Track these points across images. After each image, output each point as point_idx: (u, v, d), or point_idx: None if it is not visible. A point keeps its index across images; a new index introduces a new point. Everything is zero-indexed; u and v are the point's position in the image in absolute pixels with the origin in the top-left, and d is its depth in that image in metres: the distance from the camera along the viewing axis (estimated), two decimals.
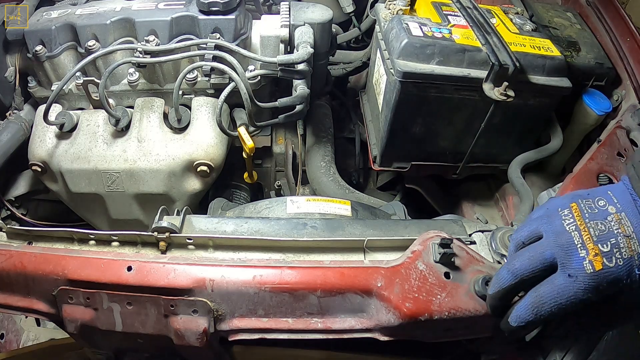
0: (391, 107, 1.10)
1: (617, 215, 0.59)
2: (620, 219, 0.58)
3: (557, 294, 0.59)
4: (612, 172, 0.85)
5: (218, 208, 1.12)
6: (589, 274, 0.57)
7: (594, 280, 0.57)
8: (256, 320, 0.76)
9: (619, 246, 0.57)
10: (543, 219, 0.63)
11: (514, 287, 0.64)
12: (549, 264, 0.60)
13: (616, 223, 0.58)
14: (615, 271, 0.57)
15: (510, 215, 1.21)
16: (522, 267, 0.62)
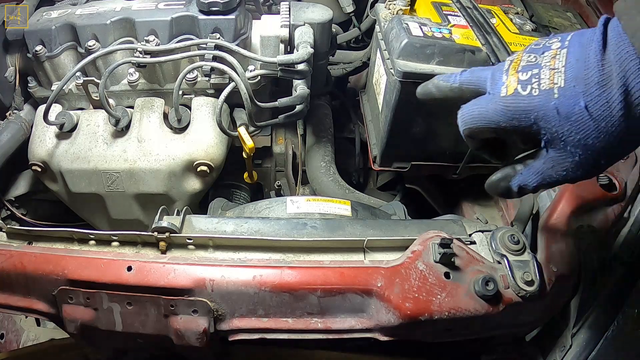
0: (391, 107, 1.10)
1: (556, 51, 0.56)
2: (557, 55, 0.56)
3: (475, 108, 0.61)
4: (612, 172, 0.85)
5: (218, 208, 1.12)
6: (501, 96, 0.58)
7: (502, 104, 0.57)
8: (256, 320, 0.76)
9: (539, 76, 0.55)
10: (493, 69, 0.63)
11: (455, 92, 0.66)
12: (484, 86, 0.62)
13: (549, 57, 0.56)
14: (524, 99, 0.56)
15: (510, 215, 1.20)
16: (464, 77, 0.65)
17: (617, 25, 0.52)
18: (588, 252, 0.81)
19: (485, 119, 0.59)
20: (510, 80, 0.58)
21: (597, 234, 0.82)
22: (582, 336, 0.80)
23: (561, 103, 0.53)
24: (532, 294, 0.74)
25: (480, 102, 0.61)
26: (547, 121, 0.55)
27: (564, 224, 0.81)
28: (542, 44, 0.59)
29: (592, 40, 0.53)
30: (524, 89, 0.56)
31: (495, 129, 0.59)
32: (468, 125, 0.62)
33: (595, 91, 0.51)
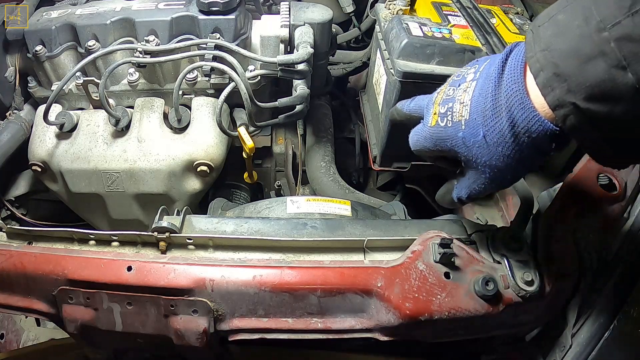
0: (391, 107, 1.10)
1: (468, 84, 0.64)
2: (468, 87, 0.63)
3: (414, 134, 0.73)
4: (612, 172, 0.85)
5: (218, 208, 1.12)
6: (428, 126, 0.69)
7: (429, 132, 0.68)
8: (256, 320, 0.76)
9: (452, 110, 0.64)
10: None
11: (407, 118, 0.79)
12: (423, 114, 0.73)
13: (462, 91, 0.64)
14: (442, 130, 0.65)
15: (510, 215, 1.20)
16: (411, 106, 0.78)
17: (518, 55, 0.59)
18: (588, 252, 0.81)
19: (419, 143, 0.72)
20: (435, 112, 0.67)
21: (597, 234, 0.82)
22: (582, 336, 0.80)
23: (466, 134, 0.62)
24: (532, 294, 0.74)
25: (417, 129, 0.73)
26: (459, 148, 0.64)
27: (564, 224, 0.81)
28: (462, 75, 0.67)
29: (492, 74, 0.60)
30: (442, 120, 0.66)
31: (428, 150, 0.71)
32: (413, 147, 0.75)
33: (490, 122, 0.59)
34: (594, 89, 0.50)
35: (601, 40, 0.48)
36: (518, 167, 0.60)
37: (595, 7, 0.49)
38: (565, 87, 0.51)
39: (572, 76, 0.51)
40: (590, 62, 0.49)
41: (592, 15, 0.49)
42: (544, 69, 0.53)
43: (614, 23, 0.48)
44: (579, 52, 0.50)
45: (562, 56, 0.52)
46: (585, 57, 0.50)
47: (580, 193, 0.83)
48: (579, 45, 0.50)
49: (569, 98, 0.51)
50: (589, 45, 0.49)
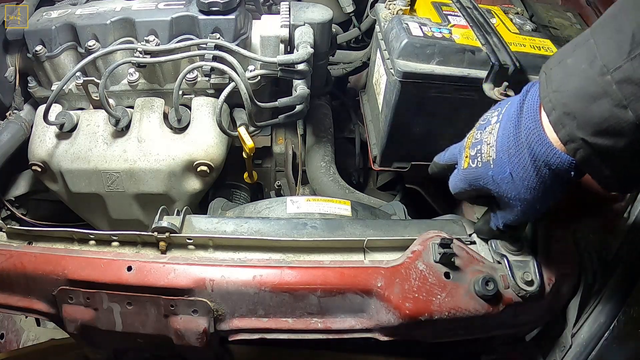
0: (391, 107, 1.10)
1: (492, 126, 0.69)
2: (493, 130, 0.69)
3: (452, 179, 0.79)
4: None
5: (218, 208, 1.12)
6: (461, 169, 0.75)
7: (463, 174, 0.74)
8: (256, 320, 0.76)
9: (481, 152, 0.70)
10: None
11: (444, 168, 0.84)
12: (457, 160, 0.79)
13: (488, 133, 0.70)
14: (474, 170, 0.71)
15: None
16: (446, 157, 0.83)
17: (533, 95, 0.64)
18: (588, 252, 0.81)
19: (457, 186, 0.78)
20: (466, 155, 0.74)
21: (597, 234, 0.82)
22: (582, 336, 0.80)
23: (495, 172, 0.67)
24: (532, 294, 0.74)
25: (454, 174, 0.79)
26: (490, 185, 0.69)
27: (564, 224, 0.81)
28: (487, 119, 0.73)
29: (512, 115, 0.65)
30: (473, 162, 0.72)
31: (465, 191, 0.76)
32: (453, 192, 0.80)
33: (514, 159, 0.64)
34: (599, 125, 0.55)
35: (604, 83, 0.54)
36: (544, 197, 0.65)
37: (599, 52, 0.55)
38: (574, 124, 0.57)
39: (580, 114, 0.56)
40: (596, 102, 0.55)
41: (596, 60, 0.55)
42: (556, 108, 0.59)
43: (615, 67, 0.53)
44: (586, 93, 0.56)
45: (571, 97, 0.57)
46: (591, 98, 0.55)
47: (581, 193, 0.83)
48: (585, 86, 0.56)
49: (579, 134, 0.57)
50: (594, 87, 0.55)
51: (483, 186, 0.71)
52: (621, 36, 0.53)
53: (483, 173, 0.70)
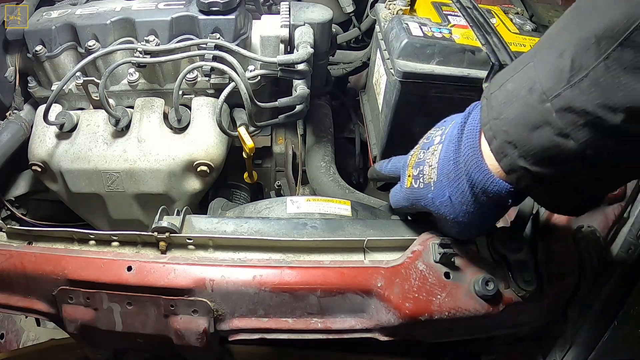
0: (391, 107, 1.10)
1: (435, 147, 0.70)
2: (435, 151, 0.69)
3: (393, 194, 0.82)
4: None
5: (218, 208, 1.12)
6: (404, 187, 0.76)
7: (405, 193, 0.76)
8: (256, 320, 0.76)
9: (423, 173, 0.71)
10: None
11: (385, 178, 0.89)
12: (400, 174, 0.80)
13: (430, 154, 0.70)
14: (416, 191, 0.72)
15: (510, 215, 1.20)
16: (388, 168, 0.87)
17: (474, 120, 0.63)
18: (588, 252, 0.81)
19: (399, 203, 0.80)
20: (409, 174, 0.74)
21: (597, 234, 0.82)
22: (582, 336, 0.80)
23: (435, 194, 0.68)
24: (532, 294, 0.74)
25: (396, 189, 0.81)
26: (430, 207, 0.70)
27: (564, 224, 0.81)
28: (430, 137, 0.73)
29: (454, 138, 0.65)
30: (415, 182, 0.73)
31: (407, 209, 0.79)
32: (393, 206, 0.83)
33: (453, 184, 0.64)
34: (541, 154, 0.54)
35: (544, 111, 0.52)
36: (481, 222, 0.67)
37: (538, 79, 0.53)
38: (516, 153, 0.56)
39: (521, 144, 0.55)
40: (536, 131, 0.53)
41: (536, 87, 0.53)
42: (497, 137, 0.57)
43: (554, 95, 0.51)
44: (526, 121, 0.54)
45: (512, 125, 0.55)
46: (532, 126, 0.53)
47: None
48: (525, 114, 0.54)
49: (521, 163, 0.56)
50: (534, 115, 0.53)
51: (424, 206, 0.72)
52: (561, 61, 0.51)
53: (424, 194, 0.70)
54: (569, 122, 0.51)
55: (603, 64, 0.47)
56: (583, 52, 0.49)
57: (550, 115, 0.51)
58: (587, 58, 0.48)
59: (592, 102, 0.49)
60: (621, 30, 0.46)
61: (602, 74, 0.48)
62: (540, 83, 0.53)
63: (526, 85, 0.54)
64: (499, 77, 0.60)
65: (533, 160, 0.55)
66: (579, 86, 0.49)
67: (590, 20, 0.49)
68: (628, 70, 0.46)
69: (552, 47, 0.53)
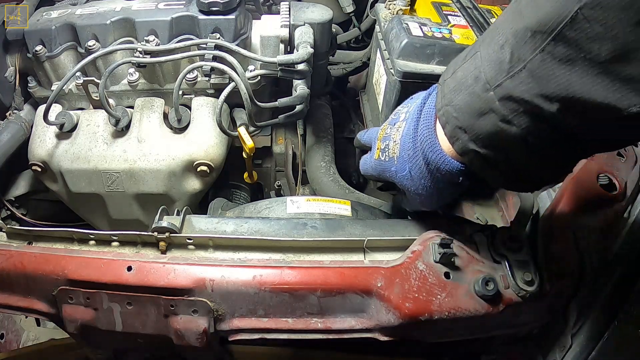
0: (391, 107, 1.10)
1: (400, 124, 0.74)
2: (399, 127, 0.74)
3: (363, 163, 0.88)
4: (612, 172, 0.85)
5: (218, 208, 1.12)
6: (373, 159, 0.82)
7: (373, 163, 0.81)
8: (256, 320, 0.76)
9: (388, 147, 0.76)
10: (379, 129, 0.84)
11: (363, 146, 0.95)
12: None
13: (396, 130, 0.75)
14: (382, 163, 0.78)
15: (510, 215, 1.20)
16: (364, 138, 0.94)
17: (431, 103, 0.67)
18: (588, 252, 0.81)
19: (367, 172, 0.86)
20: (378, 147, 0.80)
21: (597, 234, 0.82)
22: (582, 336, 0.80)
23: (397, 168, 0.74)
24: (532, 294, 0.74)
25: (365, 158, 0.87)
26: (394, 179, 0.76)
27: (564, 224, 0.81)
28: (397, 114, 0.78)
29: (414, 117, 0.70)
30: (382, 155, 0.78)
31: (373, 178, 0.85)
32: (362, 173, 0.89)
33: (412, 160, 0.69)
34: (489, 139, 0.58)
35: (489, 99, 0.56)
36: (439, 196, 0.71)
37: (483, 69, 0.57)
38: (466, 137, 0.60)
39: (470, 129, 0.59)
40: (483, 117, 0.57)
41: (481, 76, 0.57)
42: (449, 122, 0.62)
43: (496, 84, 0.55)
44: (473, 108, 0.58)
45: (461, 111, 0.60)
46: (479, 113, 0.58)
47: (580, 193, 0.83)
48: (472, 102, 0.58)
49: (471, 146, 0.60)
50: (480, 103, 0.57)
51: (389, 177, 0.77)
52: (502, 52, 0.54)
53: (388, 167, 0.76)
54: (511, 109, 0.55)
55: (539, 56, 0.50)
56: (521, 44, 0.52)
57: (493, 103, 0.56)
58: (524, 51, 0.51)
59: (530, 92, 0.52)
60: (553, 25, 0.48)
61: (538, 66, 0.51)
62: (484, 72, 0.56)
63: (472, 74, 0.58)
64: (452, 64, 0.64)
65: (482, 144, 0.59)
66: (518, 77, 0.53)
67: (527, 13, 0.51)
68: (561, 63, 0.49)
69: (495, 37, 0.56)
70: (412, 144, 0.69)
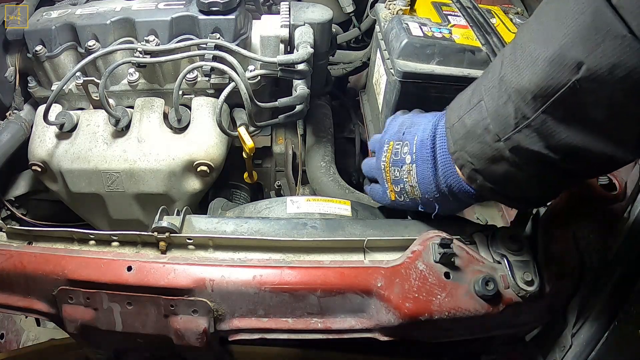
0: (391, 107, 1.10)
1: (409, 166, 0.79)
2: (410, 170, 0.79)
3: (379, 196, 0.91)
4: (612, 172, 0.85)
5: (218, 208, 1.12)
6: (389, 200, 0.88)
7: (391, 203, 0.88)
8: (256, 320, 0.76)
9: (405, 190, 0.82)
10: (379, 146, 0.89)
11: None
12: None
13: (406, 173, 0.80)
14: (404, 204, 0.85)
15: (510, 215, 1.20)
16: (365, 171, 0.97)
17: (442, 146, 0.74)
18: (588, 252, 0.81)
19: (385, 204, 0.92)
20: (391, 189, 0.86)
21: (597, 234, 0.82)
22: (582, 336, 0.80)
23: (424, 206, 0.82)
24: (532, 294, 0.74)
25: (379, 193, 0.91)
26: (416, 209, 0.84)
27: (564, 224, 0.81)
28: (399, 154, 0.82)
29: (427, 159, 0.76)
30: (400, 197, 0.84)
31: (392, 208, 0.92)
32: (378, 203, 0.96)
33: (438, 198, 0.77)
34: (502, 181, 0.68)
35: (499, 148, 0.63)
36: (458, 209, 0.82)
37: (491, 122, 0.63)
38: (481, 178, 0.69)
39: (485, 173, 0.68)
40: (496, 164, 0.66)
41: (490, 127, 0.64)
42: (465, 166, 0.70)
43: (505, 137, 0.62)
44: (487, 156, 0.66)
45: (475, 158, 0.68)
46: (492, 160, 0.65)
47: (580, 193, 0.83)
48: (485, 150, 0.66)
49: (487, 184, 0.69)
50: (492, 151, 0.65)
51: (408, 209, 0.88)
52: (506, 109, 0.60)
53: (413, 206, 0.84)
54: (520, 157, 0.62)
55: (541, 116, 0.57)
56: (523, 104, 0.58)
57: (505, 152, 0.63)
58: (527, 110, 0.58)
59: (536, 144, 0.59)
60: (551, 92, 0.54)
61: (540, 124, 0.57)
62: (493, 125, 0.63)
63: (481, 125, 0.65)
64: (456, 107, 0.72)
65: (495, 185, 0.69)
66: (524, 132, 0.59)
67: (525, 75, 0.57)
68: (562, 122, 0.56)
69: (496, 89, 0.63)
70: (435, 185, 0.76)
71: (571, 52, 0.51)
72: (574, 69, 0.51)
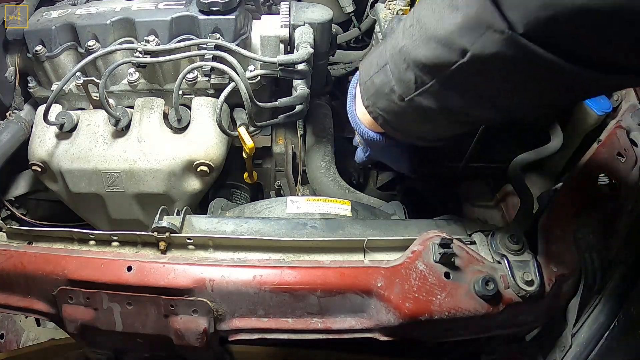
0: None
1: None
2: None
3: (359, 158, 1.09)
4: (612, 172, 0.85)
5: (218, 208, 1.12)
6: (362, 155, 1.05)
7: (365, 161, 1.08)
8: (256, 320, 0.76)
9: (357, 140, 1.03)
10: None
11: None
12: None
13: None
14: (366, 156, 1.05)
15: (510, 215, 1.20)
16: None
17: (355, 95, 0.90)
18: (588, 252, 0.81)
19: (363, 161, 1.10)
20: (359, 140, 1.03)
21: (597, 234, 0.82)
22: (582, 336, 0.80)
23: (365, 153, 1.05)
24: (532, 294, 0.74)
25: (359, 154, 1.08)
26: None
27: (564, 224, 0.81)
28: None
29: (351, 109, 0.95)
30: (363, 151, 1.05)
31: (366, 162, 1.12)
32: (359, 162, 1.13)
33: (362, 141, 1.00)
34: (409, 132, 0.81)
35: (404, 105, 0.72)
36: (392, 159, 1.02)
37: (396, 84, 0.72)
38: (391, 128, 0.81)
39: (394, 124, 0.80)
40: (402, 117, 0.77)
41: (395, 89, 0.72)
42: (378, 118, 0.81)
43: (408, 98, 0.71)
44: (394, 111, 0.76)
45: (385, 112, 0.78)
46: (399, 114, 0.76)
47: (580, 193, 0.83)
48: (392, 107, 0.76)
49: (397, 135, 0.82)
50: (397, 108, 0.75)
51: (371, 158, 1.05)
52: (407, 75, 0.68)
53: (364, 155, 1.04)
54: (421, 112, 0.72)
55: (435, 84, 0.65)
56: (421, 73, 0.66)
57: (408, 108, 0.73)
58: (425, 78, 0.66)
59: (434, 104, 0.68)
60: (442, 69, 0.62)
61: (437, 90, 0.66)
62: (397, 87, 0.72)
63: (388, 85, 0.73)
64: (367, 66, 0.79)
65: (405, 135, 0.82)
66: (423, 95, 0.68)
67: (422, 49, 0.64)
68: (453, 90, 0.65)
69: (397, 56, 0.70)
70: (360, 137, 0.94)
71: (457, 40, 0.58)
72: (460, 54, 0.58)
